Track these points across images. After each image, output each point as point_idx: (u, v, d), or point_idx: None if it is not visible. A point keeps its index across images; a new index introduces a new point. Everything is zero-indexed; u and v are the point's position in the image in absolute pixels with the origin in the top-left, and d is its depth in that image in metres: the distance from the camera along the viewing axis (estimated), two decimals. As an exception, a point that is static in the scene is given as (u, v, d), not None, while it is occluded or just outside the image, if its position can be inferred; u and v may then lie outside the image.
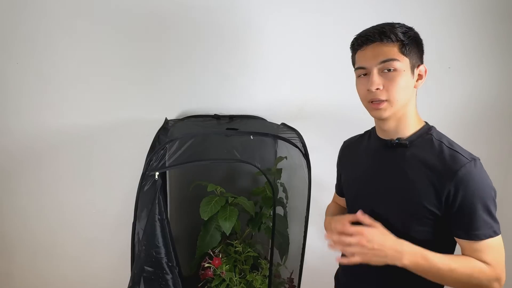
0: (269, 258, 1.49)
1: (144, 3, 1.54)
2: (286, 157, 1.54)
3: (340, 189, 1.26)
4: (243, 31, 1.63)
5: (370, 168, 1.05)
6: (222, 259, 1.44)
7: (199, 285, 1.47)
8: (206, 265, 1.44)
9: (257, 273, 1.48)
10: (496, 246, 0.90)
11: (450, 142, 0.96)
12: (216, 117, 1.63)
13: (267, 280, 1.43)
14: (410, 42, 0.93)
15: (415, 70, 0.96)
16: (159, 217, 1.24)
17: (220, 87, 1.67)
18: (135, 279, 1.24)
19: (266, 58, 1.67)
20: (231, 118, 1.63)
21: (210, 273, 1.44)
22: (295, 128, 1.49)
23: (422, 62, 0.98)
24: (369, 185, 1.04)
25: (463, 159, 0.89)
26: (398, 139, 0.98)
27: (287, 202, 1.58)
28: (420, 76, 0.97)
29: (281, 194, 1.58)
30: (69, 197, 1.68)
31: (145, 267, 1.24)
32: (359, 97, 1.00)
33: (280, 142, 1.61)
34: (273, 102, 1.72)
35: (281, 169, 1.59)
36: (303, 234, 1.41)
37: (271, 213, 1.41)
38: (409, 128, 0.98)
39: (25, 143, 1.61)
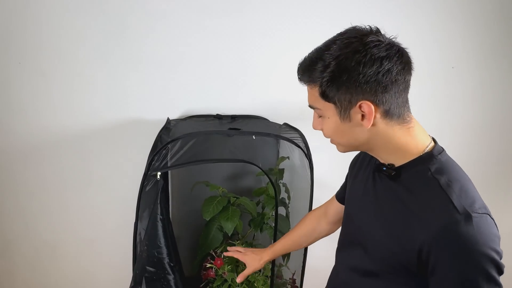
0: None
1: (146, 2, 1.54)
2: (288, 157, 1.54)
3: (341, 196, 1.14)
4: (246, 32, 1.63)
5: (362, 189, 0.89)
6: (224, 259, 1.44)
7: (200, 286, 1.46)
8: (208, 265, 1.44)
9: (259, 274, 1.48)
10: None
11: (451, 180, 0.69)
12: (218, 117, 1.62)
13: (269, 281, 1.43)
14: (333, 82, 0.70)
15: (351, 111, 0.71)
16: (161, 217, 1.24)
17: (223, 87, 1.67)
18: (137, 279, 1.24)
19: (269, 58, 1.67)
20: (233, 118, 1.63)
21: (212, 273, 1.43)
22: (298, 128, 1.48)
23: (363, 95, 0.70)
24: (359, 208, 0.89)
25: (451, 209, 0.64)
26: (389, 165, 0.77)
27: (289, 203, 1.58)
28: (363, 117, 0.72)
29: (283, 195, 1.58)
30: (70, 197, 1.68)
31: (147, 267, 1.24)
32: None
33: (282, 142, 1.61)
34: (276, 102, 1.71)
35: (283, 169, 1.59)
36: (305, 235, 1.41)
37: (273, 214, 1.40)
38: (397, 156, 0.76)
39: (26, 143, 1.61)
